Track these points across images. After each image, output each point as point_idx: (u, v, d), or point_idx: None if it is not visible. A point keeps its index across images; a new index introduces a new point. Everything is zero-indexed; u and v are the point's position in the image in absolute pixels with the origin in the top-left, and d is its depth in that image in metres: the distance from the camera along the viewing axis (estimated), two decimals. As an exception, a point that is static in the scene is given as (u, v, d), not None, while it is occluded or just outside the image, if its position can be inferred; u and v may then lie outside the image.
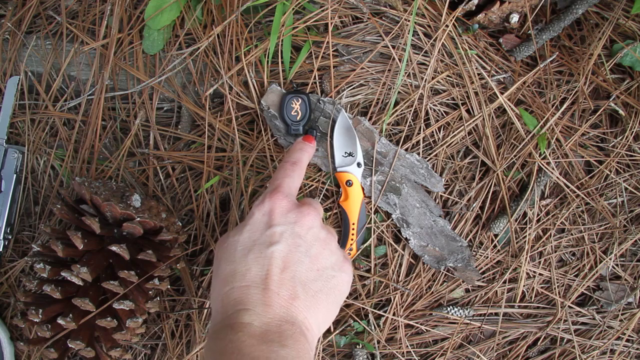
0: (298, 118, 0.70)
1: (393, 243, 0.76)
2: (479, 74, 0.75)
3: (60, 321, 0.63)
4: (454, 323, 0.79)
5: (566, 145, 0.77)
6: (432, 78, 0.75)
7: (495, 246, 0.79)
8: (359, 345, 0.77)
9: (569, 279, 0.81)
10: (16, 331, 0.78)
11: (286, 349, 0.44)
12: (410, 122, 0.75)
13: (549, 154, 0.77)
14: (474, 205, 0.77)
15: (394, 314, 0.77)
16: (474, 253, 0.78)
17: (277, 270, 0.48)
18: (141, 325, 0.69)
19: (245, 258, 0.49)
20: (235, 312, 0.45)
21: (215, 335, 0.45)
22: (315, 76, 0.74)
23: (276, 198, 0.52)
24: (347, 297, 0.77)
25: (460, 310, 0.78)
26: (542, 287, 0.81)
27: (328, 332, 0.77)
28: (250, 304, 0.46)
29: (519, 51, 0.76)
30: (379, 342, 0.77)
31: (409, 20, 0.73)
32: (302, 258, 0.50)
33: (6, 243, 0.76)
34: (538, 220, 0.79)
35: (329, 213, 0.75)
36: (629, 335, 0.81)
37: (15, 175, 0.76)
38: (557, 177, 0.77)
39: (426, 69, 0.74)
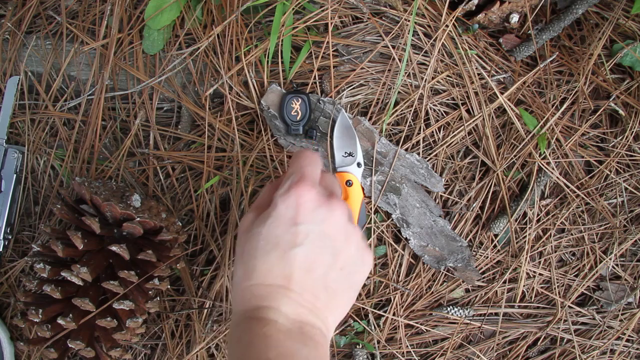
0: (298, 118, 0.70)
1: (393, 243, 0.76)
2: (479, 74, 0.75)
3: (60, 321, 0.63)
4: (454, 323, 0.79)
5: (566, 145, 0.77)
6: (432, 78, 0.75)
7: (495, 246, 0.79)
8: (359, 345, 0.77)
9: (569, 279, 0.81)
10: (16, 331, 0.78)
11: (308, 348, 0.44)
12: (410, 122, 0.75)
13: (549, 154, 0.77)
14: (474, 205, 0.77)
15: (394, 314, 0.77)
16: (474, 253, 0.78)
17: (301, 273, 0.46)
18: (141, 325, 0.69)
19: (268, 255, 0.47)
20: (258, 308, 0.45)
21: (240, 325, 0.45)
22: (315, 76, 0.74)
23: (303, 190, 0.47)
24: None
25: (460, 310, 0.78)
26: (542, 287, 0.81)
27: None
28: (274, 303, 0.45)
29: (519, 51, 0.76)
30: (379, 342, 0.77)
31: (409, 20, 0.73)
32: (327, 259, 0.48)
33: (6, 243, 0.76)
34: (538, 220, 0.79)
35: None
36: (629, 335, 0.81)
37: (15, 175, 0.76)
38: (557, 177, 0.77)
39: (426, 69, 0.74)
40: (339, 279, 0.48)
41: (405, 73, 0.74)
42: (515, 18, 0.73)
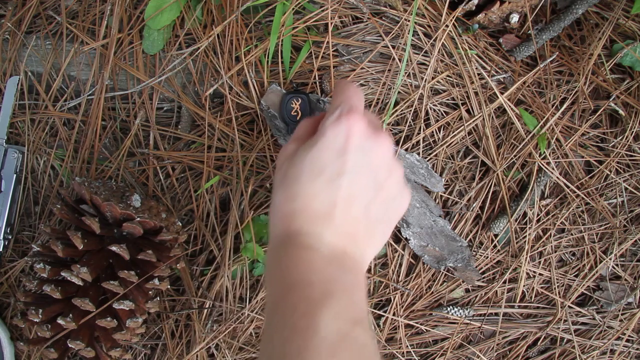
0: (298, 118, 0.70)
1: (393, 243, 0.76)
2: (479, 74, 0.75)
3: (60, 321, 0.63)
4: (454, 323, 0.79)
5: (566, 145, 0.77)
6: (432, 78, 0.75)
7: (495, 246, 0.79)
8: (359, 345, 0.77)
9: (569, 279, 0.81)
10: (16, 331, 0.78)
11: (350, 276, 0.44)
12: (410, 122, 0.75)
13: (549, 154, 0.77)
14: (474, 205, 0.77)
15: (394, 314, 0.77)
16: (474, 253, 0.78)
17: (344, 204, 0.46)
18: (141, 325, 0.69)
19: (313, 182, 0.46)
20: (300, 233, 0.45)
21: (282, 247, 0.45)
22: (315, 76, 0.74)
23: (354, 119, 0.47)
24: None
25: (460, 310, 0.78)
26: (542, 287, 0.81)
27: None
28: (317, 229, 0.45)
29: (519, 51, 0.76)
30: (379, 342, 0.77)
31: (409, 20, 0.73)
32: (370, 192, 0.47)
33: (6, 243, 0.76)
34: (538, 220, 0.79)
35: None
36: (629, 335, 0.81)
37: (15, 175, 0.76)
38: (557, 177, 0.77)
39: (426, 69, 0.74)
40: (379, 212, 0.48)
41: (405, 73, 0.74)
42: (515, 18, 0.73)
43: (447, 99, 0.76)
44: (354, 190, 0.46)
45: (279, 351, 0.39)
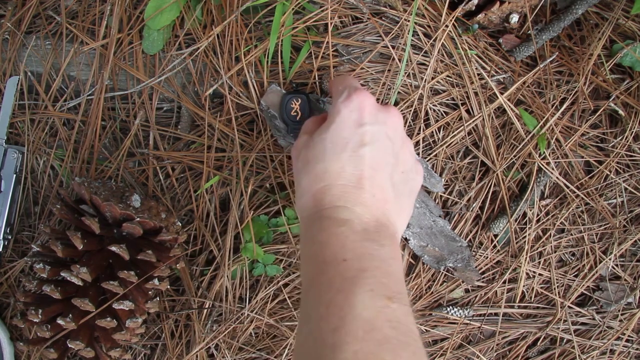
0: (298, 118, 0.70)
1: (393, 243, 0.76)
2: (478, 74, 0.75)
3: (60, 321, 0.63)
4: (454, 323, 0.79)
5: (566, 146, 0.77)
6: (432, 78, 0.75)
7: (495, 246, 0.79)
8: (359, 345, 0.77)
9: (568, 279, 0.81)
10: (16, 331, 0.78)
11: (385, 248, 0.44)
12: (410, 122, 0.75)
13: (549, 154, 0.77)
14: (473, 205, 0.77)
15: (393, 314, 0.77)
16: (474, 253, 0.78)
17: (371, 172, 0.47)
18: (141, 325, 0.69)
19: (338, 156, 0.47)
20: (333, 208, 0.45)
21: (315, 224, 0.45)
22: (315, 76, 0.73)
23: (364, 95, 0.50)
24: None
25: (460, 311, 0.78)
26: (541, 287, 0.81)
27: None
28: (349, 202, 0.45)
29: (519, 51, 0.76)
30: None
31: (408, 21, 0.73)
32: (390, 160, 0.49)
33: (6, 243, 0.76)
34: (538, 221, 0.79)
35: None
36: (629, 336, 0.81)
37: (15, 175, 0.76)
38: (557, 177, 0.77)
39: (426, 69, 0.74)
40: (402, 181, 0.50)
41: (405, 73, 0.74)
42: (515, 18, 0.73)
43: (447, 99, 0.76)
44: (378, 158, 0.48)
45: (315, 327, 0.39)
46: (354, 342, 0.36)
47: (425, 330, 0.79)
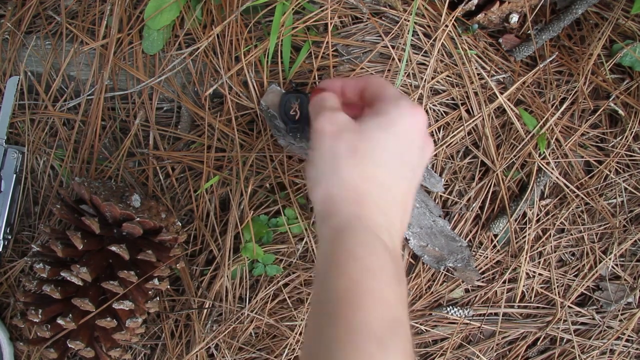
0: (297, 118, 0.70)
1: (393, 243, 0.76)
2: (478, 74, 0.75)
3: (60, 321, 0.63)
4: (454, 323, 0.79)
5: (566, 145, 0.77)
6: (432, 78, 0.75)
7: (495, 246, 0.79)
8: (359, 345, 0.77)
9: (568, 279, 0.81)
10: (16, 331, 0.78)
11: (403, 284, 0.43)
12: (410, 122, 0.75)
13: (549, 154, 0.77)
14: (473, 205, 0.77)
15: (393, 314, 0.77)
16: (474, 253, 0.78)
17: (410, 199, 0.48)
18: (141, 325, 0.69)
19: (399, 169, 0.47)
20: (372, 221, 0.43)
21: (349, 231, 0.42)
22: (315, 76, 0.73)
23: (424, 116, 0.49)
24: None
25: (460, 310, 0.78)
26: (541, 287, 0.81)
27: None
28: (390, 225, 0.44)
29: (519, 51, 0.76)
30: (378, 342, 0.77)
31: (408, 20, 0.73)
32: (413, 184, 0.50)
33: (6, 243, 0.76)
34: (538, 220, 0.79)
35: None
36: (629, 335, 0.81)
37: (15, 175, 0.76)
38: (557, 177, 0.77)
39: (426, 69, 0.74)
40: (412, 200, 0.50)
41: (405, 73, 0.74)
42: (514, 18, 0.73)
43: (447, 99, 0.76)
44: (415, 186, 0.48)
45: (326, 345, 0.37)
46: None
47: (425, 330, 0.79)
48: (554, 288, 0.80)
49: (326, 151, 0.45)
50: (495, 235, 0.78)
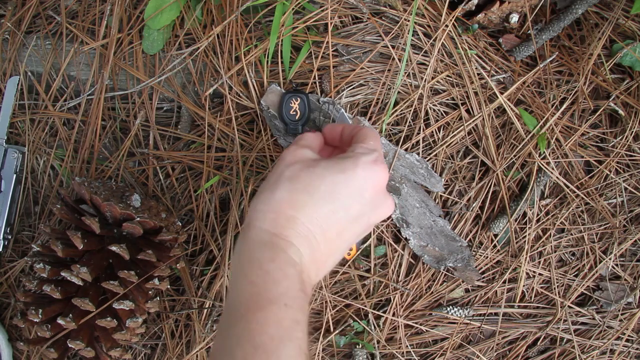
0: (297, 117, 0.70)
1: (393, 243, 0.76)
2: (478, 74, 0.75)
3: (60, 321, 0.63)
4: (454, 323, 0.79)
5: (566, 145, 0.77)
6: (432, 78, 0.75)
7: (495, 246, 0.79)
8: (359, 345, 0.77)
9: (568, 279, 0.81)
10: (16, 331, 0.78)
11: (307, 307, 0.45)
12: (410, 122, 0.75)
13: (549, 154, 0.77)
14: (473, 205, 0.77)
15: (393, 314, 0.77)
16: (474, 253, 0.78)
17: (344, 244, 0.50)
18: (141, 325, 0.69)
19: (333, 211, 0.48)
20: (291, 244, 0.45)
21: (267, 249, 0.44)
22: (315, 76, 0.74)
23: (386, 173, 0.51)
24: (347, 297, 0.77)
25: (460, 310, 0.78)
26: (541, 287, 0.81)
27: (328, 332, 0.77)
28: (312, 253, 0.47)
29: (519, 51, 0.76)
30: (378, 342, 0.77)
31: (408, 20, 0.73)
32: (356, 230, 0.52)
33: (6, 243, 0.76)
34: (538, 220, 0.79)
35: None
36: (629, 335, 0.81)
37: (15, 175, 0.76)
38: (557, 177, 0.77)
39: (426, 69, 0.74)
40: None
41: (405, 73, 0.74)
42: (515, 18, 0.73)
43: (447, 99, 0.76)
44: (352, 236, 0.49)
45: None
46: None
47: (425, 330, 0.79)
48: (554, 288, 0.80)
49: (274, 174, 0.49)
50: (496, 235, 0.78)
